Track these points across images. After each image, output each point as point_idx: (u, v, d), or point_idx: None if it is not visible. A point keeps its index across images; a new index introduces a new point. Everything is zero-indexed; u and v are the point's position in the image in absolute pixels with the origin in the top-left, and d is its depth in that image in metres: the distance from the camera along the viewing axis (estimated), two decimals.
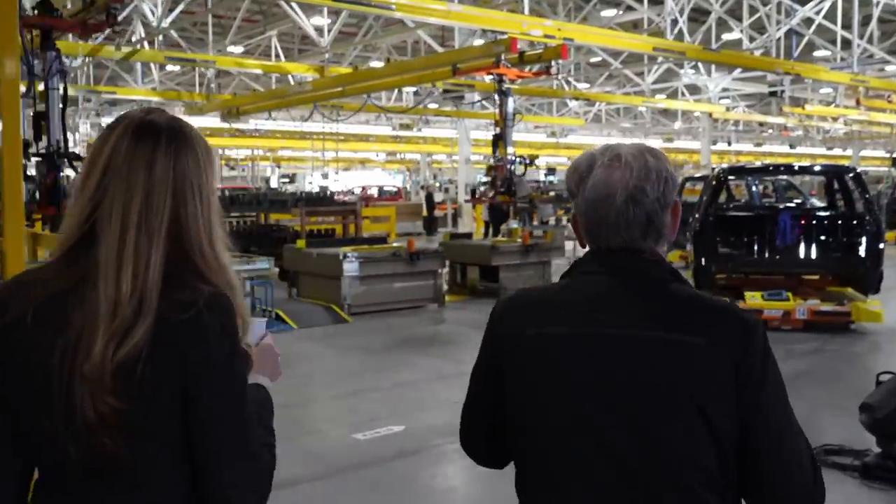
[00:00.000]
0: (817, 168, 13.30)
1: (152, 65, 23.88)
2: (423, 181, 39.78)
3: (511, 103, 11.37)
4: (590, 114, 33.92)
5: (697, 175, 16.75)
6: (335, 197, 22.00)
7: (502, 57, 10.88)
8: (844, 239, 9.31)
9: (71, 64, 19.02)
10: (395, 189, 35.14)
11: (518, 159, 11.42)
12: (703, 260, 9.67)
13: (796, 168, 14.10)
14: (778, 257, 9.76)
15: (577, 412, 1.43)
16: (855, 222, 9.25)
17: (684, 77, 22.40)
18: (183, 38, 21.89)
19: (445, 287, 12.78)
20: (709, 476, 1.39)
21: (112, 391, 1.27)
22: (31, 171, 7.75)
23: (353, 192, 36.02)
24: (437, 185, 37.84)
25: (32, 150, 7.70)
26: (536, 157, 11.80)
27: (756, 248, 9.88)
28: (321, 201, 14.06)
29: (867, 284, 9.25)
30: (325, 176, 47.40)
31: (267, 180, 42.15)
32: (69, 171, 8.00)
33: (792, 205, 13.20)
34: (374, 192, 35.56)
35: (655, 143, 41.08)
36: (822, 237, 9.44)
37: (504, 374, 1.53)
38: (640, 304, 1.45)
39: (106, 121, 33.33)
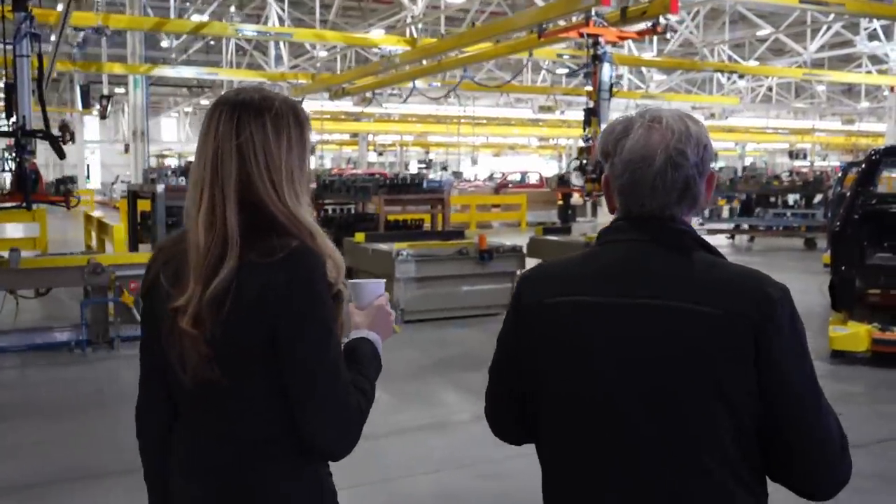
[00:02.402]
0: None
1: (283, 49, 23.53)
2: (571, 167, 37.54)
3: (607, 70, 9.30)
4: (758, 93, 30.65)
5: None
6: (443, 183, 20.49)
7: (593, 13, 8.86)
8: None
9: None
10: (537, 175, 32.97)
11: None
12: (843, 268, 7.29)
13: None
14: None
15: (591, 383, 1.42)
16: None
17: (859, 45, 19.08)
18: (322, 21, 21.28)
19: None
20: (726, 455, 1.34)
21: (203, 326, 1.47)
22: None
23: (491, 178, 34.44)
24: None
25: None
26: None
27: None
28: (406, 188, 12.48)
29: None
30: (474, 161, 46.26)
31: (407, 165, 41.36)
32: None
33: None
34: (516, 177, 33.69)
35: (833, 124, 36.68)
36: None
37: (523, 346, 1.52)
38: (663, 272, 1.41)
39: None
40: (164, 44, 26.78)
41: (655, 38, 22.29)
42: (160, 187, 10.16)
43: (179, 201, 10.99)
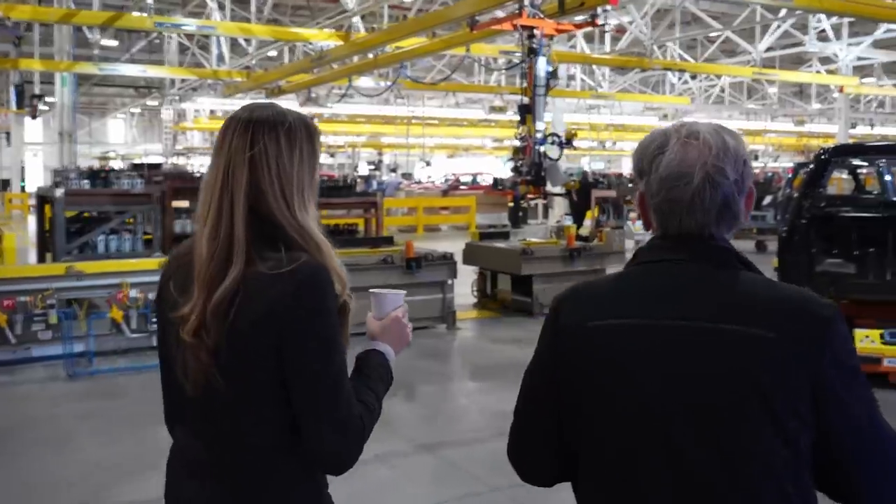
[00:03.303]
0: None
1: (223, 46, 22.63)
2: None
3: (543, 65, 8.65)
4: (711, 94, 30.48)
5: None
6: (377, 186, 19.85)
7: (526, 3, 8.22)
8: None
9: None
10: (489, 177, 32.31)
11: (550, 138, 8.71)
12: (790, 276, 6.73)
13: None
14: None
15: (640, 408, 1.37)
16: None
17: (809, 45, 18.78)
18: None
19: (474, 299, 10.32)
20: (779, 479, 1.31)
21: (206, 336, 1.48)
22: None
23: (446, 180, 33.80)
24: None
25: None
26: (574, 135, 9.02)
27: (876, 263, 6.83)
28: (337, 191, 11.73)
29: None
30: (428, 163, 45.58)
31: (356, 167, 40.56)
32: None
33: None
34: (468, 179, 33.02)
35: (784, 125, 36.73)
36: None
37: (562, 371, 1.46)
38: (709, 294, 1.37)
39: (186, 106, 32.65)
40: (113, 43, 25.78)
41: (608, 37, 21.89)
42: (59, 191, 9.27)
43: (85, 207, 10.12)
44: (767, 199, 18.74)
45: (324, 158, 43.29)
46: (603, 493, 1.42)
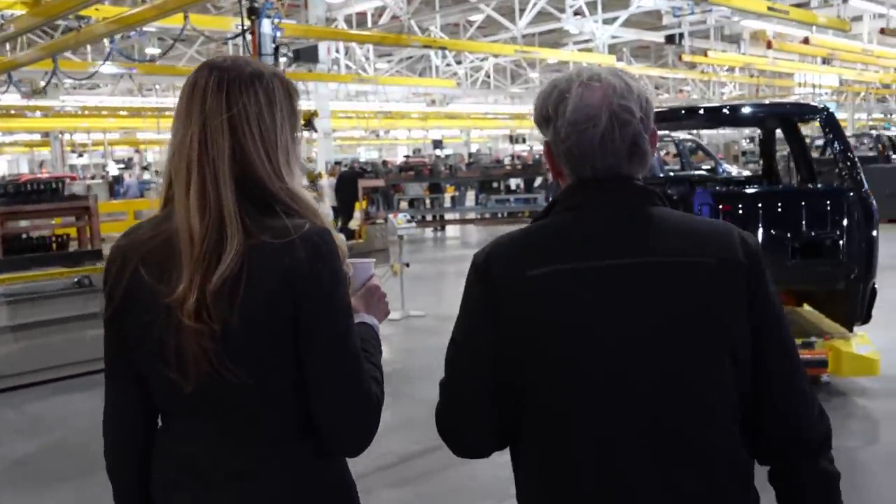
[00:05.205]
0: (749, 109, 6.99)
1: None
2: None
3: (269, 28, 7.06)
4: (477, 78, 30.35)
5: None
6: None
7: None
8: (808, 231, 5.32)
9: None
10: None
11: None
12: None
13: (725, 111, 6.75)
14: None
15: (596, 353, 1.34)
16: (828, 202, 5.27)
17: (566, 23, 18.60)
18: None
19: None
20: (732, 403, 1.34)
21: (208, 319, 1.30)
22: None
23: None
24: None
25: None
26: (314, 114, 7.56)
27: None
28: (38, 196, 9.48)
29: (851, 308, 5.21)
30: None
31: (104, 167, 36.77)
32: None
33: (705, 174, 9.32)
34: None
35: None
36: (770, 229, 5.42)
37: (501, 325, 1.38)
38: (642, 230, 1.38)
39: None
40: None
41: (369, 18, 20.68)
42: None
43: None
44: (538, 181, 18.44)
45: (76, 159, 39.00)
46: (555, 444, 1.35)
